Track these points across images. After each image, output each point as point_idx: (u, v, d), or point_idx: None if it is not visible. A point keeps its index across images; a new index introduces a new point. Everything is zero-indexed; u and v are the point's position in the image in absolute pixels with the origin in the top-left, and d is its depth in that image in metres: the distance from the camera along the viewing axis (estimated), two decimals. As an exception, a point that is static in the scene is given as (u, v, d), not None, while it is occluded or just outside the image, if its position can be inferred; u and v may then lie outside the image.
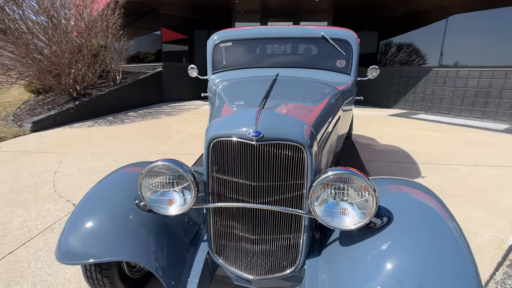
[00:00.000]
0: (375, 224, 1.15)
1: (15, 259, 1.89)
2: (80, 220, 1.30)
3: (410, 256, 1.04)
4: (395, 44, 8.31)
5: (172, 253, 1.37)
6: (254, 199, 1.23)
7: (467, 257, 1.03)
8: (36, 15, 5.64)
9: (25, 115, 6.14)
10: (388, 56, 8.50)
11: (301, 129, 1.18)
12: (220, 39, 2.40)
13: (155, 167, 1.21)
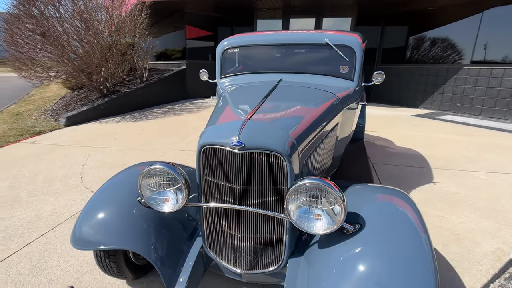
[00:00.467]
0: (347, 230, 1.23)
1: (45, 241, 2.17)
2: (91, 212, 1.50)
3: (377, 260, 1.13)
4: (425, 40, 7.94)
5: (170, 245, 1.54)
6: (239, 201, 1.35)
7: (429, 263, 1.09)
8: (71, 18, 6.08)
9: (61, 110, 6.69)
10: (416, 53, 8.17)
11: (282, 140, 1.28)
12: (228, 45, 2.53)
13: (152, 170, 1.37)
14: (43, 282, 1.77)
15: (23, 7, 5.72)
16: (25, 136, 4.97)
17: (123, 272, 1.65)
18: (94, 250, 1.48)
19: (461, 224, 2.35)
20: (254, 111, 1.48)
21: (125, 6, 7.00)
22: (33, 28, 5.79)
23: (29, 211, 2.58)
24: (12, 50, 6.22)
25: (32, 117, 6.39)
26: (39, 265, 1.92)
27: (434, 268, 1.09)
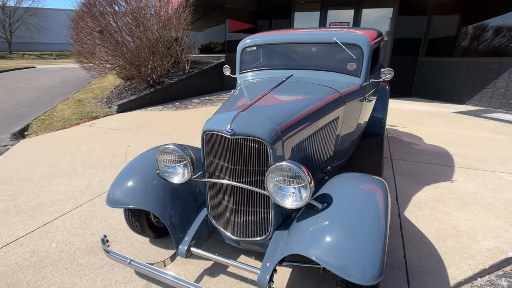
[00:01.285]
0: (317, 207, 1.46)
1: (92, 205, 2.69)
2: (122, 180, 1.91)
3: (336, 230, 1.35)
4: (477, 30, 7.31)
5: (181, 212, 1.89)
6: (233, 178, 1.64)
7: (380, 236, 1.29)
8: (124, 16, 6.80)
9: (114, 98, 7.56)
10: (466, 45, 7.57)
11: (267, 129, 1.52)
12: (247, 44, 2.79)
13: (166, 148, 1.71)
14: (87, 234, 2.26)
15: (87, 8, 6.55)
16: (84, 120, 5.80)
17: (146, 231, 2.06)
18: (123, 208, 1.88)
19: (466, 222, 2.37)
20: (252, 103, 1.74)
21: (171, 4, 7.57)
22: (94, 26, 6.61)
23: (82, 181, 3.15)
24: (77, 45, 7.18)
25: (91, 104, 7.33)
26: (86, 221, 2.42)
27: (384, 242, 1.28)
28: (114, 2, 6.69)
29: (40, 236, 2.25)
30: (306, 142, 1.85)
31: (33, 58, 32.99)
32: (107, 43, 6.66)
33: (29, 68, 19.89)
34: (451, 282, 1.79)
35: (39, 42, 38.86)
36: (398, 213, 2.51)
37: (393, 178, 3.15)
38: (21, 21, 37.43)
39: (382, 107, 3.73)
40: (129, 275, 1.86)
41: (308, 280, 1.81)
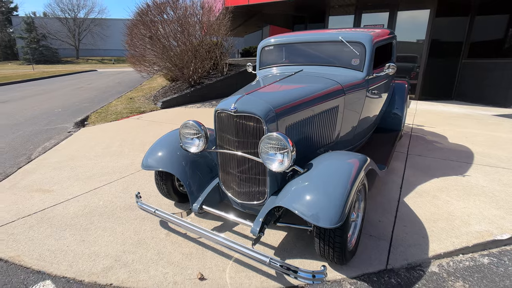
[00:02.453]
0: (299, 171, 1.77)
1: (132, 177, 3.25)
2: (153, 150, 2.39)
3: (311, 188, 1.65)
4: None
5: (198, 177, 2.31)
6: (236, 149, 2.01)
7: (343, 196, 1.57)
8: (171, 23, 7.61)
9: (160, 96, 8.41)
10: (515, 46, 7.10)
11: (263, 108, 1.87)
12: (265, 44, 3.17)
13: (187, 123, 2.15)
14: (127, 197, 2.79)
15: (140, 17, 7.47)
16: (133, 113, 6.63)
17: (171, 194, 2.52)
18: (153, 170, 2.36)
19: (464, 209, 2.47)
20: (256, 89, 2.11)
21: (213, 12, 8.25)
22: (145, 33, 7.51)
23: (127, 160, 3.77)
24: (131, 49, 8.17)
25: (140, 101, 8.26)
26: (127, 188, 2.97)
27: (346, 199, 1.56)
28: (163, 11, 7.53)
29: (92, 196, 2.84)
30: (301, 124, 2.16)
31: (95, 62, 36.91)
32: (155, 47, 7.50)
33: (92, 71, 22.46)
34: (430, 254, 1.96)
35: (101, 49, 43.32)
36: (398, 198, 2.67)
37: (403, 170, 3.27)
38: (88, 31, 42.14)
39: (400, 104, 3.84)
40: (154, 226, 2.33)
41: (298, 241, 2.11)
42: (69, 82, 15.09)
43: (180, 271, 1.85)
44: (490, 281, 1.76)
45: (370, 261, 1.92)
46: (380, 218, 2.38)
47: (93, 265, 1.90)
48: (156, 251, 2.04)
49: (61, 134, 5.16)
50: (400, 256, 1.95)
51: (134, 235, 2.22)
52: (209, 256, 1.98)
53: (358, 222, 2.03)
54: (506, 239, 2.10)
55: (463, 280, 1.77)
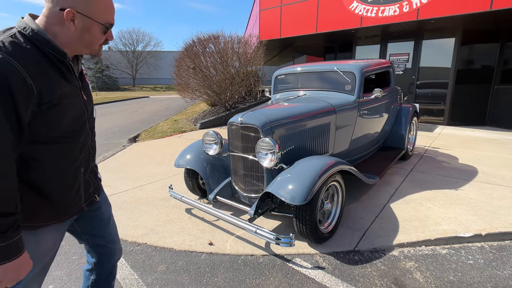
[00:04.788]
0: (283, 167, 2.37)
1: (169, 179, 4.04)
2: (184, 153, 3.15)
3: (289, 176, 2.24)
4: None
5: (215, 175, 3.00)
6: (242, 152, 2.68)
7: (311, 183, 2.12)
8: (212, 55, 8.80)
9: (200, 118, 9.51)
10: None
11: (260, 120, 2.53)
12: (277, 74, 3.90)
13: (207, 132, 2.89)
14: (164, 192, 3.57)
15: (186, 52, 8.79)
16: (175, 132, 7.69)
17: (195, 189, 3.23)
18: (183, 168, 3.10)
19: (441, 214, 2.80)
20: (260, 108, 2.80)
21: (248, 45, 9.34)
22: (189, 64, 8.77)
23: (166, 168, 4.62)
24: (177, 78, 9.49)
25: (183, 122, 9.42)
26: (164, 186, 3.76)
27: (312, 186, 2.11)
28: (206, 46, 8.77)
29: (138, 190, 3.66)
30: (295, 135, 2.76)
31: (148, 90, 41.00)
32: (197, 76, 8.69)
33: (145, 98, 25.22)
34: (394, 243, 2.37)
35: (154, 78, 48.07)
36: (385, 203, 3.07)
37: (400, 183, 3.63)
38: (144, 62, 47.37)
39: (404, 125, 4.23)
40: (181, 211, 3.03)
41: (288, 227, 2.64)
42: (126, 106, 17.28)
43: (195, 239, 2.50)
44: (438, 264, 2.13)
45: (342, 244, 2.39)
46: (363, 216, 2.82)
47: (135, 232, 2.64)
48: (180, 227, 2.73)
49: (117, 147, 6.30)
50: (368, 242, 2.39)
51: (165, 216, 2.94)
52: (218, 232, 2.61)
53: (335, 213, 2.53)
54: (469, 237, 2.42)
55: (415, 262, 2.16)
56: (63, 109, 0.95)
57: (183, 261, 2.21)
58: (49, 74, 0.91)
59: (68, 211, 1.08)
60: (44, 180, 0.98)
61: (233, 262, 2.20)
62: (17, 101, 0.82)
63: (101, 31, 1.00)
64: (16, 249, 0.87)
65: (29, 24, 0.91)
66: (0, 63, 0.80)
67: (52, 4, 0.92)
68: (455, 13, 6.40)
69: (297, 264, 2.15)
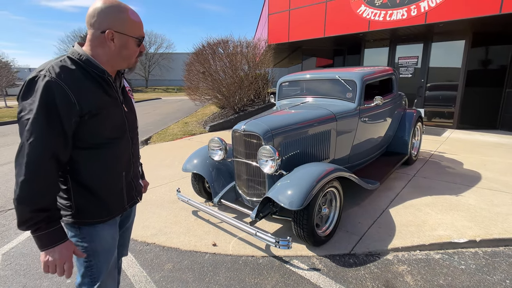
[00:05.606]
0: (282, 173, 2.51)
1: (177, 182, 4.23)
2: (191, 158, 3.32)
3: (289, 185, 2.37)
4: None
5: (220, 179, 3.16)
6: (245, 158, 2.83)
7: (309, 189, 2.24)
8: (221, 59, 8.99)
9: (209, 121, 9.72)
10: None
11: (262, 128, 2.67)
12: (282, 81, 4.03)
13: (213, 139, 3.05)
14: (173, 195, 3.75)
15: (196, 56, 9.02)
16: (185, 135, 7.92)
17: (202, 192, 3.40)
18: (190, 172, 3.27)
19: (438, 220, 2.87)
20: (263, 116, 2.94)
21: (257, 49, 9.49)
22: (199, 69, 9.00)
23: (175, 171, 4.82)
24: (187, 81, 9.74)
25: (193, 125, 9.65)
26: (172, 189, 3.94)
27: (309, 192, 2.24)
28: (215, 51, 8.98)
29: (148, 193, 3.86)
30: (296, 142, 2.88)
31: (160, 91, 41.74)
32: (207, 80, 8.91)
33: (157, 99, 25.74)
34: (389, 247, 2.47)
35: (166, 79, 48.87)
36: (385, 208, 3.16)
37: (401, 188, 3.70)
38: (157, 64, 48.23)
39: (408, 130, 4.29)
40: (188, 213, 3.21)
41: (288, 230, 2.77)
42: (138, 108, 17.66)
43: (200, 240, 2.66)
44: (430, 268, 2.22)
45: (339, 247, 2.50)
46: (361, 221, 2.92)
47: (145, 232, 2.83)
48: (186, 228, 2.90)
49: (130, 149, 6.55)
50: (364, 246, 2.50)
51: (173, 218, 3.12)
52: (221, 234, 2.77)
53: (333, 218, 2.65)
54: (463, 243, 2.49)
55: (408, 265, 2.26)
56: (102, 118, 1.10)
57: (188, 260, 2.38)
58: (90, 88, 1.08)
59: (114, 210, 1.24)
60: (91, 181, 1.14)
61: (234, 262, 2.35)
62: (61, 114, 0.99)
63: (136, 44, 1.16)
64: (56, 239, 1.03)
65: (77, 50, 1.11)
66: (48, 84, 0.98)
67: (94, 29, 1.09)
68: (464, 16, 6.38)
69: (294, 266, 2.28)
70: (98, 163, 1.14)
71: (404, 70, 8.53)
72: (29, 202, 0.98)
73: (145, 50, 1.24)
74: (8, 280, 2.20)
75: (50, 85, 0.98)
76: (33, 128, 0.96)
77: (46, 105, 0.97)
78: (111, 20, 1.08)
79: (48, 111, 0.98)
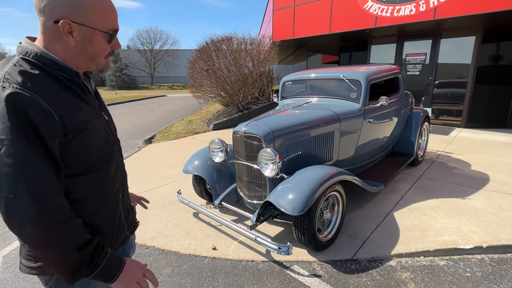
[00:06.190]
0: (284, 176, 2.46)
1: (179, 182, 4.21)
2: (191, 160, 3.29)
3: (289, 189, 2.32)
4: None
5: (221, 181, 3.13)
6: (246, 160, 2.78)
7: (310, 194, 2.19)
8: (225, 57, 8.93)
9: (213, 119, 9.69)
10: None
11: (263, 130, 2.62)
12: (285, 80, 3.96)
13: (213, 140, 3.01)
14: (173, 195, 3.73)
15: (200, 54, 8.97)
16: (189, 134, 7.90)
17: (203, 194, 3.37)
18: (191, 174, 3.24)
19: (444, 224, 2.79)
20: (264, 117, 2.89)
21: (261, 46, 9.39)
22: (202, 66, 8.95)
23: (178, 170, 4.80)
24: (191, 79, 9.70)
25: (197, 123, 9.63)
26: (174, 189, 3.92)
27: (310, 196, 2.18)
28: (219, 48, 8.91)
29: (149, 193, 3.85)
30: (298, 144, 2.82)
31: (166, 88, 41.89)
32: (210, 78, 8.86)
33: (162, 96, 25.84)
34: (393, 253, 2.41)
35: (171, 76, 48.99)
36: (389, 212, 3.09)
37: (406, 190, 3.62)
38: (161, 60, 48.33)
39: (414, 130, 4.20)
40: (189, 215, 3.18)
41: (289, 234, 2.73)
42: (143, 106, 17.78)
43: (200, 244, 2.63)
44: (434, 276, 2.15)
45: (341, 252, 2.45)
46: (365, 224, 2.86)
47: (145, 234, 2.81)
48: (187, 231, 2.87)
49: (133, 149, 6.56)
50: (366, 252, 2.44)
51: (174, 220, 3.10)
52: (222, 237, 2.74)
53: (335, 222, 2.59)
54: (469, 249, 2.42)
55: (411, 272, 2.20)
56: (89, 134, 0.88)
57: (187, 265, 2.35)
58: (66, 98, 0.83)
59: (116, 242, 1.03)
60: (90, 213, 0.92)
61: (234, 267, 2.31)
62: (42, 133, 0.74)
63: (105, 40, 0.89)
64: (117, 263, 0.89)
65: (29, 47, 0.82)
66: (12, 97, 0.72)
67: (45, 17, 0.81)
68: (475, 12, 6.20)
69: (294, 272, 2.24)
70: (94, 189, 0.93)
71: (411, 67, 8.36)
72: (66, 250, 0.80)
73: (119, 47, 0.96)
74: (8, 283, 2.20)
75: (16, 98, 0.72)
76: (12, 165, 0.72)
77: (19, 127, 0.72)
78: (66, 5, 0.80)
79: (25, 135, 0.73)
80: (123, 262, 0.91)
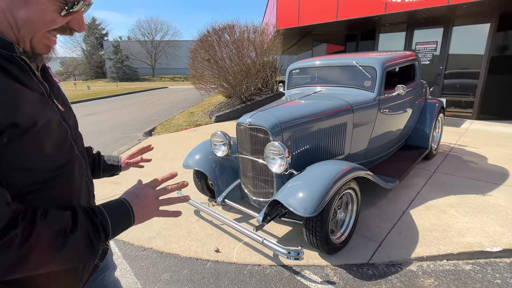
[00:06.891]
0: (293, 173, 2.23)
1: (180, 177, 4.01)
2: (192, 154, 3.07)
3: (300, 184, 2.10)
4: None
5: (224, 177, 2.91)
6: (251, 155, 2.56)
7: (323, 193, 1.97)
8: (227, 46, 8.62)
9: (215, 111, 9.44)
10: None
11: (270, 122, 2.38)
12: (292, 68, 3.69)
13: (215, 133, 2.78)
14: (174, 190, 3.52)
15: (201, 43, 8.67)
16: (190, 126, 7.67)
17: (204, 190, 3.16)
18: (192, 169, 3.03)
19: (465, 223, 2.57)
20: (271, 107, 2.65)
21: (265, 35, 9.06)
22: (203, 56, 8.65)
23: (179, 163, 4.57)
24: (192, 69, 9.42)
25: (198, 115, 9.39)
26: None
27: (324, 196, 1.96)
28: (221, 37, 8.60)
29: (149, 188, 3.64)
30: (308, 136, 2.59)
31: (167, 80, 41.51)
32: (212, 68, 8.57)
33: (163, 88, 25.53)
34: (413, 256, 2.20)
35: (172, 68, 48.49)
36: (405, 210, 2.87)
37: (421, 186, 3.39)
38: (163, 52, 47.77)
39: (429, 122, 3.94)
40: (190, 213, 2.98)
41: (299, 234, 2.52)
42: (144, 98, 17.53)
43: (201, 245, 2.43)
44: (461, 283, 1.94)
45: (355, 255, 2.24)
46: (380, 224, 2.65)
47: (142, 235, 2.61)
48: (187, 230, 2.67)
49: (133, 141, 6.35)
50: (384, 255, 2.23)
51: (173, 218, 2.87)
52: (225, 238, 2.53)
53: (349, 222, 2.38)
54: (496, 252, 2.20)
55: (435, 279, 1.99)
56: (38, 133, 0.61)
57: (187, 269, 2.15)
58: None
59: (86, 272, 0.81)
60: None
61: (238, 272, 2.11)
62: None
63: (55, 6, 0.60)
64: (119, 205, 0.75)
65: None
66: None
67: None
68: (490, -4, 5.85)
69: (306, 278, 2.04)
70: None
71: (421, 56, 8.02)
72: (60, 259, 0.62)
73: (83, 30, 0.67)
74: None
75: None
76: None
77: None
78: None
79: None
80: (124, 200, 0.77)
